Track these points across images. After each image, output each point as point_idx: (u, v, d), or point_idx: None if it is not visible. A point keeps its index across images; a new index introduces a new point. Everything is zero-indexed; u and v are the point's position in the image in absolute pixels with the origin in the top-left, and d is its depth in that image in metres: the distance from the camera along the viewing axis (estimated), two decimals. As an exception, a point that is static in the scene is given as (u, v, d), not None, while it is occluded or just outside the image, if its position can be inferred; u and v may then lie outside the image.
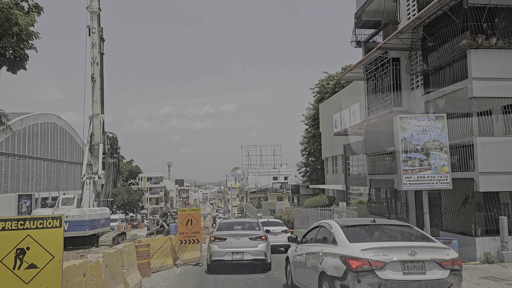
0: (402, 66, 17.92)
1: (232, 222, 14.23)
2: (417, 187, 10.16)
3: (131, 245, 9.70)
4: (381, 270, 6.04)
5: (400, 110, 17.67)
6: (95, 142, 24.07)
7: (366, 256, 6.15)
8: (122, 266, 8.54)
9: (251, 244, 11.87)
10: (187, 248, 15.04)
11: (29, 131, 39.52)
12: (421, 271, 6.12)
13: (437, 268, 6.18)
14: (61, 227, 4.40)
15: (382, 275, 6.01)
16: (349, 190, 37.71)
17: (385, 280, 6.00)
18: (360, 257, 6.17)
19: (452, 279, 6.22)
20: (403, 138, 10.14)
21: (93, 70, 24.13)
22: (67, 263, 5.37)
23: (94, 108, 24.13)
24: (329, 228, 7.51)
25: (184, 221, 14.32)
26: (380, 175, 19.18)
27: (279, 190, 79.30)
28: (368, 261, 6.09)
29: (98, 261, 6.62)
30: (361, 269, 6.09)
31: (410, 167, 10.03)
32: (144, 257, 11.51)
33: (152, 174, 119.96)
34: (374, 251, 6.21)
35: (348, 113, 36.84)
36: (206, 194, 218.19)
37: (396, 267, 6.08)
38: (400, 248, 6.31)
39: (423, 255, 6.20)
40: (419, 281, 6.05)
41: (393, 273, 6.04)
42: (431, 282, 6.09)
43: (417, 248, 6.31)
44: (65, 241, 19.47)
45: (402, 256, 6.14)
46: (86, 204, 21.87)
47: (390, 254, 6.15)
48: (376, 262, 6.08)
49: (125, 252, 8.85)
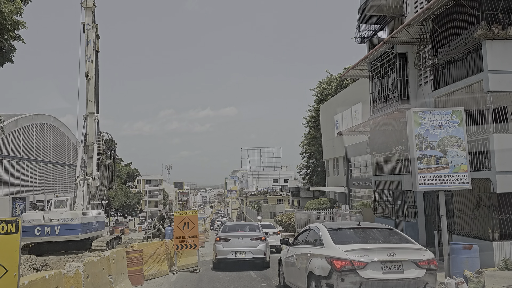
0: (410, 62, 17.11)
1: (235, 225, 15.85)
2: (434, 187, 9.31)
3: (120, 251, 8.85)
4: (362, 269, 6.46)
5: (407, 107, 16.82)
6: (90, 142, 23.24)
7: (349, 256, 6.59)
8: (109, 275, 7.69)
9: (252, 244, 13.19)
10: (184, 253, 14.16)
11: (24, 132, 38.66)
12: (399, 270, 6.56)
13: (414, 268, 6.62)
14: (18, 233, 3.55)
15: (364, 274, 6.44)
16: (351, 193, 36.92)
17: (366, 279, 6.42)
18: (344, 257, 6.61)
19: (428, 278, 6.66)
20: (417, 134, 9.30)
21: (87, 68, 23.31)
22: (35, 275, 4.52)
23: (88, 107, 23.29)
24: (317, 231, 7.95)
25: (181, 224, 13.47)
26: (386, 176, 18.34)
27: (279, 193, 78.43)
28: (351, 261, 6.52)
29: (78, 271, 5.77)
30: (344, 268, 6.50)
31: (425, 166, 9.18)
32: (136, 263, 10.65)
33: (151, 177, 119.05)
34: (356, 252, 6.64)
35: (349, 114, 36.09)
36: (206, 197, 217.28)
37: (376, 267, 6.51)
38: (380, 249, 6.74)
39: (401, 256, 6.64)
40: (397, 279, 6.47)
41: (373, 272, 6.47)
42: (409, 281, 6.52)
43: (396, 249, 6.74)
44: (57, 245, 18.65)
45: (382, 256, 6.58)
46: (80, 207, 21.00)
47: (371, 255, 6.58)
48: (358, 262, 6.51)
49: (113, 259, 8.00)
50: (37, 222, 18.08)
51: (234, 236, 13.52)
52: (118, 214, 79.54)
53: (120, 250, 8.89)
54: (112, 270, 7.82)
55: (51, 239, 18.22)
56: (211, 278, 11.64)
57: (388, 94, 17.99)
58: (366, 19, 20.39)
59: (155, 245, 12.55)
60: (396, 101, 17.29)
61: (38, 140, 41.49)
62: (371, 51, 18.27)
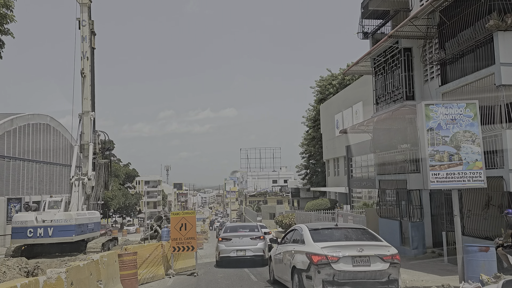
0: (415, 57, 16.54)
1: (236, 226, 17.20)
2: (446, 186, 8.73)
3: (111, 254, 8.25)
4: (335, 263, 7.47)
5: (413, 104, 16.27)
6: (85, 141, 22.62)
7: (324, 252, 7.59)
8: (98, 280, 7.10)
9: (252, 243, 14.29)
10: (181, 256, 13.58)
11: (20, 132, 38.00)
12: (367, 264, 7.58)
13: (379, 262, 7.64)
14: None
15: (337, 267, 7.45)
16: (352, 193, 36.37)
17: (339, 271, 7.43)
18: (320, 253, 7.62)
19: (391, 270, 7.68)
20: (429, 128, 8.73)
21: (83, 65, 22.70)
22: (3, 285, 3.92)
23: (84, 105, 22.68)
24: (300, 230, 9.05)
25: (178, 225, 12.87)
26: (390, 175, 17.74)
27: (278, 194, 77.88)
28: (326, 256, 7.53)
29: (60, 277, 5.17)
30: (320, 262, 7.51)
31: (438, 162, 8.61)
32: (130, 267, 10.06)
33: (150, 178, 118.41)
34: (331, 249, 7.67)
35: (350, 113, 35.58)
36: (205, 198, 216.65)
37: (347, 261, 7.52)
38: (351, 246, 7.76)
39: (369, 251, 7.65)
40: (365, 271, 7.49)
41: (345, 266, 7.48)
42: (375, 272, 7.55)
43: (364, 246, 7.77)
44: (50, 247, 18.01)
45: (352, 252, 7.58)
46: (75, 208, 20.38)
47: (343, 251, 7.61)
48: (332, 257, 7.52)
49: (103, 263, 7.41)
50: (29, 223, 17.47)
51: (235, 236, 14.67)
52: (116, 215, 78.90)
53: (112, 253, 8.30)
54: (102, 275, 7.23)
55: (44, 241, 17.61)
56: (209, 282, 11.04)
57: (393, 91, 17.42)
58: (369, 14, 19.83)
59: (151, 247, 11.95)
60: (400, 98, 16.73)
61: (34, 140, 40.83)
62: (375, 46, 17.70)
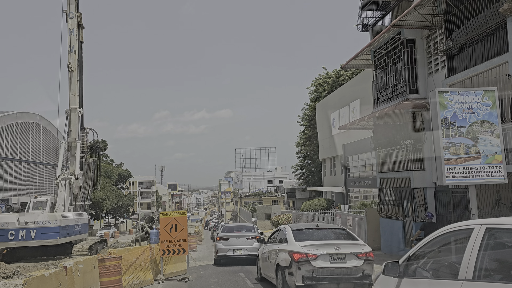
0: (418, 48, 15.74)
1: (233, 226, 18.33)
2: (463, 181, 7.90)
3: (89, 260, 7.32)
4: (314, 260, 8.09)
5: (417, 98, 15.50)
6: (72, 138, 21.60)
7: (304, 250, 8.23)
8: (71, 290, 6.18)
9: (248, 243, 14.92)
10: (172, 260, 12.64)
11: (7, 131, 36.83)
12: (343, 261, 8.26)
13: (354, 259, 8.31)
14: None
15: (315, 264, 8.08)
16: (349, 193, 35.62)
17: (317, 267, 8.06)
18: (300, 251, 8.25)
19: (366, 266, 8.36)
20: (443, 118, 7.88)
21: (70, 59, 21.70)
22: None
23: (71, 101, 21.68)
24: (284, 231, 9.73)
25: (167, 227, 11.95)
26: (392, 173, 16.93)
27: (274, 194, 77.03)
28: (306, 254, 8.15)
29: (15, 291, 4.25)
30: (301, 260, 8.12)
31: (453, 156, 7.77)
32: (114, 273, 9.12)
33: (143, 178, 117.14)
34: (310, 247, 8.30)
35: (347, 111, 34.89)
36: (200, 199, 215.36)
37: (325, 258, 8.16)
38: (329, 244, 8.42)
39: (345, 249, 8.32)
40: (341, 268, 8.17)
41: (323, 262, 8.12)
42: (350, 268, 8.23)
43: (341, 245, 8.46)
44: (34, 251, 16.93)
45: (329, 250, 8.24)
46: (61, 208, 19.36)
47: (321, 249, 8.24)
48: (311, 254, 8.13)
49: (77, 271, 6.49)
50: (10, 225, 16.41)
51: (232, 236, 15.34)
52: (109, 216, 77.57)
53: (90, 259, 7.37)
54: (76, 284, 6.31)
55: (26, 243, 16.56)
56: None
57: (395, 84, 16.61)
58: (369, 5, 19.01)
59: (138, 251, 11.01)
60: (403, 92, 15.92)
61: (23, 139, 39.66)
62: (376, 37, 16.87)
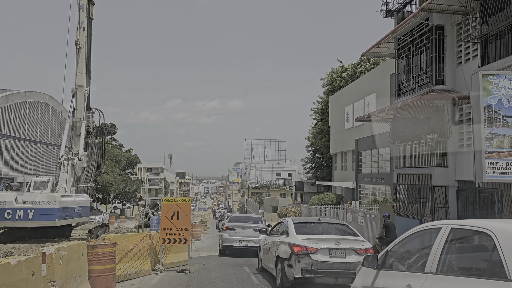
0: (447, 36, 14.59)
1: (240, 217, 18.18)
2: (506, 178, 6.89)
3: (76, 246, 6.48)
4: (314, 254, 8.14)
5: (443, 89, 14.39)
6: (78, 118, 20.86)
7: (304, 243, 8.28)
8: (50, 281, 5.35)
9: (255, 235, 14.47)
10: (172, 249, 11.82)
11: (16, 110, 36.33)
12: (342, 256, 8.29)
13: (354, 254, 8.34)
14: None
15: (315, 257, 8.13)
16: (360, 188, 34.64)
17: (317, 261, 8.11)
18: (300, 244, 8.31)
19: None
20: (487, 105, 6.91)
21: (78, 35, 20.88)
22: None
23: (77, 79, 20.89)
24: (286, 223, 9.76)
25: (169, 214, 11.13)
26: (412, 168, 15.88)
27: (282, 187, 76.23)
28: (306, 247, 8.21)
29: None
30: (300, 253, 8.19)
31: (496, 149, 6.81)
32: (107, 261, 8.30)
33: (152, 165, 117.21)
34: (310, 241, 8.34)
35: (362, 105, 33.80)
36: (208, 188, 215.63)
37: (325, 252, 8.21)
38: (329, 239, 8.44)
39: (345, 245, 8.35)
40: (340, 262, 8.20)
41: (322, 256, 8.17)
42: (349, 264, 8.23)
43: (341, 240, 8.48)
44: (33, 231, 16.23)
45: (329, 244, 8.29)
46: (62, 190, 18.68)
47: (321, 243, 8.30)
48: (311, 248, 8.18)
49: (59, 258, 5.65)
50: (7, 204, 15.74)
51: (239, 227, 15.08)
52: (116, 201, 77.45)
53: (76, 245, 6.53)
54: (56, 273, 5.47)
55: (23, 224, 15.88)
56: (202, 283, 9.28)
57: (419, 75, 15.49)
58: (395, -11, 17.82)
59: (136, 238, 10.20)
60: (428, 82, 14.81)
61: (31, 119, 39.17)
62: (401, 23, 15.72)
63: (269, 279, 9.86)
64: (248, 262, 13.09)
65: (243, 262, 13.15)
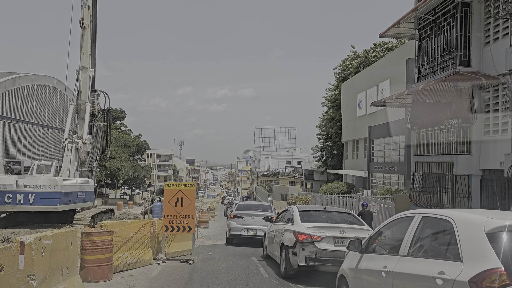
0: (474, 13, 13.54)
1: (249, 204, 17.24)
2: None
3: (63, 235, 5.76)
4: (319, 242, 8.19)
5: (468, 71, 13.37)
6: (82, 101, 20.21)
7: (309, 232, 8.34)
8: (29, 274, 4.65)
9: (264, 223, 13.31)
10: (176, 237, 11.13)
11: (23, 93, 35.84)
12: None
13: None
14: None
15: (319, 245, 8.17)
16: (371, 178, 33.79)
17: (321, 249, 8.15)
18: (305, 232, 8.37)
19: None
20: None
21: (82, 14, 20.11)
22: None
23: (82, 60, 20.19)
24: (292, 211, 9.71)
25: (172, 200, 10.42)
26: (431, 156, 14.97)
27: (291, 175, 75.47)
28: (310, 236, 8.26)
29: None
30: (305, 241, 8.26)
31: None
32: (102, 250, 7.63)
33: (161, 151, 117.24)
34: (315, 229, 8.40)
35: (375, 92, 32.80)
36: (217, 176, 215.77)
37: (329, 241, 8.24)
38: (334, 228, 8.50)
39: (349, 234, 8.23)
40: (344, 251, 7.09)
41: (327, 245, 8.20)
42: None
43: (346, 228, 8.48)
44: (35, 216, 15.63)
45: (334, 233, 8.31)
46: (66, 174, 18.13)
47: (326, 232, 8.34)
48: (316, 236, 8.24)
49: (41, 248, 4.94)
50: (8, 187, 15.19)
51: (247, 215, 14.44)
52: (125, 187, 77.46)
53: (64, 233, 5.81)
54: (36, 265, 4.77)
55: (23, 208, 15.35)
56: (206, 275, 8.57)
57: (442, 56, 14.47)
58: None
59: (136, 225, 9.50)
60: (452, 64, 13.80)
61: (38, 102, 38.70)
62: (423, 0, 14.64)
63: (278, 272, 9.14)
64: (257, 252, 12.39)
65: (251, 252, 12.45)
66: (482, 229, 3.62)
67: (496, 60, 12.59)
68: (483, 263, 3.42)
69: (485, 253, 3.47)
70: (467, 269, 3.49)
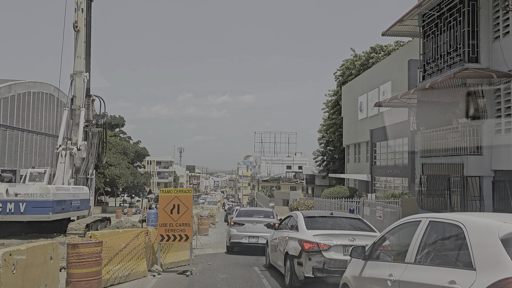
0: (482, 8, 12.97)
1: (250, 210, 16.52)
2: None
3: (40, 248, 5.12)
4: (326, 251, 7.55)
5: (477, 67, 12.79)
6: (76, 106, 19.62)
7: (316, 240, 7.71)
8: (-5, 295, 4.02)
9: (266, 230, 12.61)
10: (173, 247, 10.48)
11: (19, 100, 35.30)
12: None
13: None
14: None
15: (327, 255, 7.54)
16: (374, 181, 33.17)
17: (329, 259, 7.50)
18: (312, 240, 7.72)
19: None
20: None
21: (76, 17, 19.57)
22: None
23: (76, 64, 19.61)
24: (296, 217, 9.17)
25: (168, 207, 9.78)
26: (440, 157, 14.33)
27: (292, 180, 74.81)
28: (317, 244, 7.63)
29: None
30: (312, 250, 7.61)
31: None
32: (90, 263, 6.97)
33: (161, 158, 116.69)
34: (322, 237, 7.76)
35: (376, 94, 32.34)
36: (218, 182, 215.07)
37: (338, 249, 7.58)
38: (343, 235, 7.82)
39: (360, 241, 7.41)
40: None
41: (335, 254, 7.55)
42: None
43: (356, 236, 7.79)
44: (27, 226, 14.87)
45: (343, 241, 7.63)
46: (60, 181, 17.51)
47: (334, 239, 7.67)
48: (323, 245, 7.61)
49: (12, 264, 4.30)
50: (-2, 196, 14.61)
51: (249, 221, 13.79)
52: (125, 194, 76.75)
53: (41, 247, 5.17)
54: (4, 285, 4.12)
55: (14, 218, 14.70)
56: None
57: (448, 53, 13.88)
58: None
59: (129, 235, 8.85)
60: (460, 61, 13.20)
61: (35, 110, 38.14)
62: (428, -5, 14.08)
63: (282, 283, 8.49)
64: (259, 261, 11.73)
65: (253, 261, 11.79)
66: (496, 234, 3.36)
67: (506, 55, 12.01)
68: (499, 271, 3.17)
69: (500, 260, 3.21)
70: (481, 278, 3.24)
